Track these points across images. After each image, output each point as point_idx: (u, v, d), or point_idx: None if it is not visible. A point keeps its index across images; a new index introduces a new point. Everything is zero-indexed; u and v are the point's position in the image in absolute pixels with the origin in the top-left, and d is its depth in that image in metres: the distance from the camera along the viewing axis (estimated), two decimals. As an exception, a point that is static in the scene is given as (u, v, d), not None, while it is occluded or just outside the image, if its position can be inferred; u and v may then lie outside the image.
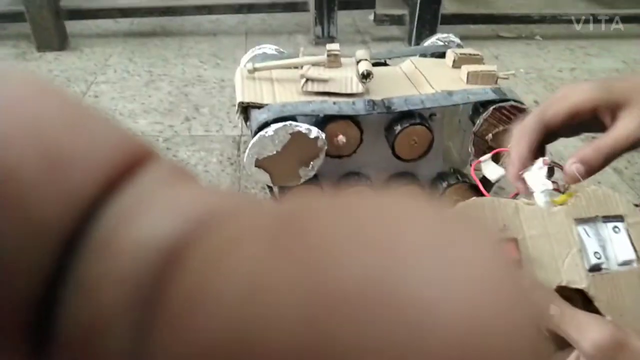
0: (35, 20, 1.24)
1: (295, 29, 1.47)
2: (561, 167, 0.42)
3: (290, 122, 0.59)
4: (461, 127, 0.67)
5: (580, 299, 0.36)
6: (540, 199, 0.39)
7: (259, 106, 0.62)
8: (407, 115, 0.63)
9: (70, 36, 1.34)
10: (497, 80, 0.67)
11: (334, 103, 0.62)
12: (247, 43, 1.37)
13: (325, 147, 0.61)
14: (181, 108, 1.02)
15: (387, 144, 0.66)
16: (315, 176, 0.66)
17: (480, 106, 0.63)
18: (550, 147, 0.43)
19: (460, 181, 0.70)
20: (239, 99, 0.64)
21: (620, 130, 0.38)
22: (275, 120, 0.59)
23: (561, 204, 0.40)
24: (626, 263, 0.38)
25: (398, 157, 0.66)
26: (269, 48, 0.75)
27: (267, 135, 0.58)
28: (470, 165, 0.65)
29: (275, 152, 0.59)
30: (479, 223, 0.10)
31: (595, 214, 0.39)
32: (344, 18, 1.43)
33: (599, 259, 0.37)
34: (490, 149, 0.64)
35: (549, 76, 1.22)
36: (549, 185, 0.39)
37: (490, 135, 0.63)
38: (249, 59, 0.72)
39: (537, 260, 0.36)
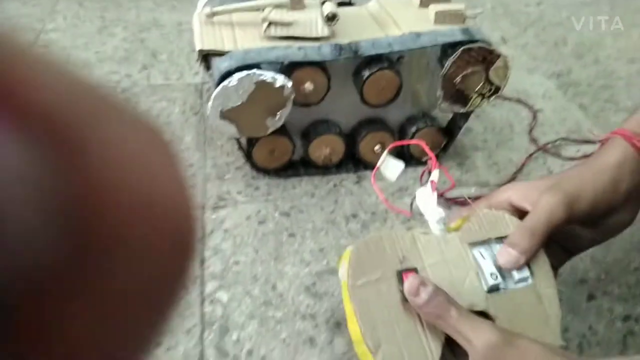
0: (-29, -38, 1.14)
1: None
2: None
3: (254, 70, 0.56)
4: (429, 69, 0.66)
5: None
6: (435, 228, 0.41)
7: (220, 53, 0.59)
8: (375, 60, 0.61)
9: (12, -20, 1.24)
10: (464, 20, 0.65)
11: (299, 48, 0.59)
12: None
13: (292, 96, 0.59)
14: (138, 55, 0.97)
15: (355, 90, 0.64)
16: (283, 126, 0.64)
17: (448, 48, 0.62)
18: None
19: (428, 125, 0.69)
20: (198, 46, 0.60)
21: (537, 206, 0.41)
22: (239, 69, 0.56)
23: (456, 230, 0.41)
24: (522, 280, 0.40)
25: (367, 103, 0.64)
26: None
27: (230, 85, 0.56)
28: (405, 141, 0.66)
29: (240, 103, 0.57)
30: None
31: (488, 236, 0.41)
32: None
33: (495, 279, 0.39)
34: (458, 91, 0.63)
35: (515, 11, 1.20)
36: (442, 213, 0.41)
37: (458, 78, 0.62)
38: (206, 1, 0.68)
39: (438, 284, 0.37)
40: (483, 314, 0.38)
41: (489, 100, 0.65)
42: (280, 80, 0.57)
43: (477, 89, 0.64)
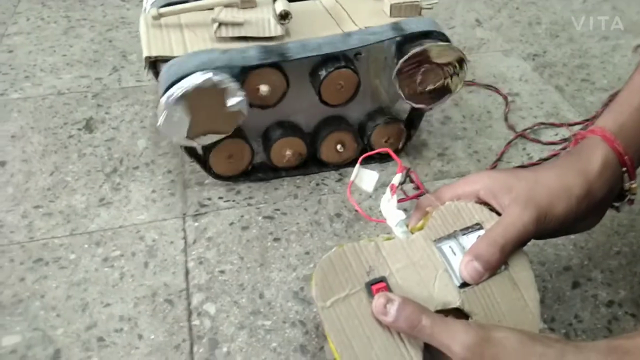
0: None
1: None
2: (412, 181, 0.43)
3: (207, 75, 0.54)
4: (387, 64, 0.64)
5: (464, 317, 0.38)
6: (397, 231, 0.40)
7: (168, 59, 0.56)
8: (332, 59, 0.60)
9: (-31, -19, 1.19)
10: (420, 11, 0.64)
11: (224, 52, 0.56)
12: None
13: (244, 115, 0.58)
14: (107, 57, 0.94)
15: (313, 90, 0.62)
16: (240, 129, 0.62)
17: (405, 41, 0.61)
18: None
19: (388, 120, 0.68)
20: (145, 52, 0.58)
21: (507, 217, 0.39)
22: (188, 76, 0.54)
23: (420, 229, 0.40)
24: None
25: (325, 103, 0.63)
26: None
27: (178, 94, 0.53)
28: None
29: (189, 113, 0.55)
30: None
31: (453, 229, 0.40)
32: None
33: None
34: (421, 90, 0.62)
35: (488, -9, 1.19)
36: (402, 215, 0.40)
37: (419, 75, 0.61)
38: (152, 2, 0.64)
39: (408, 291, 0.37)
40: (459, 311, 0.38)
41: (462, 73, 0.63)
42: (233, 85, 0.55)
43: (429, 87, 0.62)
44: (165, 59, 0.57)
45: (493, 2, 1.15)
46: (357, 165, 0.43)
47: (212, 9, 0.60)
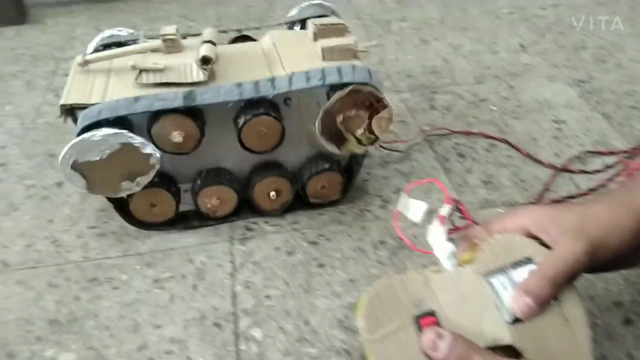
0: (-11, -8, 1.16)
1: (267, -20, 1.40)
2: (461, 212, 0.43)
3: (124, 131, 0.54)
4: (320, 108, 0.59)
5: (514, 353, 0.37)
6: (446, 264, 0.39)
7: (86, 106, 0.56)
8: (254, 105, 0.58)
9: (29, 7, 1.26)
10: (355, 55, 0.60)
11: (135, 99, 0.55)
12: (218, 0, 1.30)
13: (157, 166, 0.58)
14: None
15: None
16: (165, 178, 0.63)
17: (336, 87, 0.58)
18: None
19: (324, 167, 0.65)
20: (62, 99, 0.57)
21: (558, 250, 0.38)
22: (99, 123, 0.54)
23: (468, 262, 0.39)
24: None
25: (250, 150, 0.60)
26: (121, 31, 0.68)
27: (93, 138, 0.54)
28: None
29: (97, 159, 0.55)
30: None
31: (503, 263, 0.39)
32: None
33: None
34: (337, 131, 0.59)
35: (531, 15, 1.19)
36: (451, 247, 0.40)
37: (340, 117, 0.58)
38: (96, 46, 0.66)
39: (458, 326, 0.36)
40: (510, 348, 0.38)
41: (366, 147, 0.61)
42: (149, 147, 0.56)
43: (356, 132, 0.60)
44: (82, 107, 0.56)
45: (536, 26, 1.14)
46: (403, 194, 0.44)
47: (144, 53, 0.59)
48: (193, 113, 0.57)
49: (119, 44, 0.66)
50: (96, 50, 0.66)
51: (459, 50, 1.05)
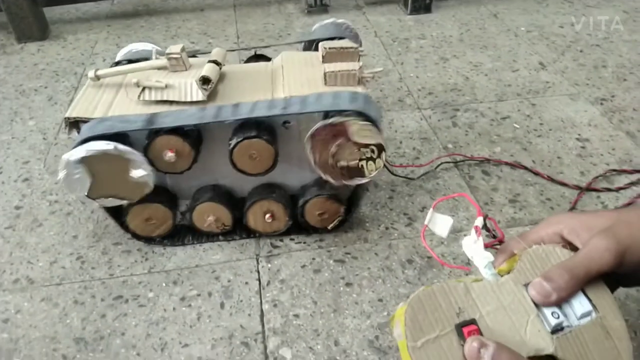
0: (11, 9, 1.18)
1: (285, -2, 1.41)
2: (487, 229, 0.44)
3: (110, 145, 0.54)
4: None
5: None
6: (486, 273, 0.40)
7: (87, 121, 0.57)
8: (244, 128, 0.57)
9: (51, 23, 1.28)
10: (358, 80, 0.59)
11: (122, 121, 0.56)
12: (237, 16, 1.31)
13: (150, 187, 0.58)
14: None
15: None
16: (160, 192, 0.63)
17: (328, 114, 0.56)
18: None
19: (322, 194, 0.63)
20: (68, 112, 0.58)
21: (584, 247, 0.39)
22: (94, 138, 0.55)
23: (507, 272, 0.39)
24: (585, 315, 0.38)
25: (242, 172, 0.59)
26: (146, 46, 0.70)
27: (78, 156, 0.54)
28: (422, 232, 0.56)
29: (90, 175, 0.56)
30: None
31: (542, 272, 0.39)
32: (334, -17, 1.37)
33: (557, 318, 0.37)
34: (332, 163, 0.58)
35: (550, 34, 1.19)
36: (490, 257, 0.40)
37: (333, 147, 0.56)
38: (119, 60, 0.67)
39: (500, 335, 0.36)
40: (551, 358, 0.37)
41: (380, 160, 0.57)
42: (141, 171, 0.56)
43: (357, 157, 0.57)
44: (86, 120, 0.57)
45: (556, 45, 1.14)
46: (431, 209, 0.44)
47: (151, 70, 0.60)
48: (187, 133, 0.57)
49: (138, 60, 0.66)
50: (117, 64, 0.67)
51: (479, 68, 1.05)
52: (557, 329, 0.37)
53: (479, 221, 0.42)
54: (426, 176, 0.77)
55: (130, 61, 0.67)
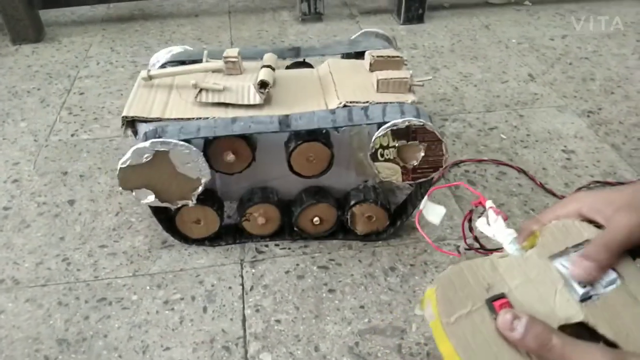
0: (7, 10, 1.18)
1: (280, 4, 1.42)
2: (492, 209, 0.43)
3: (190, 147, 0.55)
4: (371, 138, 0.59)
5: (585, 332, 0.37)
6: (511, 249, 0.40)
7: (147, 120, 0.58)
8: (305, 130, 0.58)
9: (46, 26, 1.28)
10: (410, 88, 0.61)
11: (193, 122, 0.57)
12: (232, 22, 1.32)
13: (200, 189, 0.59)
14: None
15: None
16: (212, 195, 0.64)
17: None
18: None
19: (369, 200, 0.65)
20: (124, 111, 0.59)
21: (612, 223, 0.40)
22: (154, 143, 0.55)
23: (531, 247, 0.40)
24: (611, 283, 0.39)
25: (297, 174, 0.61)
26: (185, 49, 0.71)
27: (181, 149, 0.55)
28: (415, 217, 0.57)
29: (149, 166, 0.56)
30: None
31: (565, 246, 0.40)
32: (329, -8, 1.38)
33: (584, 287, 0.38)
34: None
35: (541, 46, 1.20)
36: (513, 232, 0.41)
37: (391, 151, 0.57)
38: (164, 61, 0.68)
39: (530, 307, 0.37)
40: (582, 326, 0.37)
41: (383, 178, 0.59)
42: (203, 173, 0.57)
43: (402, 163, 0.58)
44: (144, 120, 0.58)
45: (546, 57, 1.15)
46: (426, 197, 0.44)
47: (206, 72, 0.61)
48: (245, 137, 0.58)
49: (183, 62, 0.68)
50: (164, 65, 0.67)
51: (468, 79, 1.07)
52: (585, 298, 0.38)
53: (490, 203, 0.43)
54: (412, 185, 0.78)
55: (180, 63, 0.68)
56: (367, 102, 0.59)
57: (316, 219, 0.65)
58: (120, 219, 0.72)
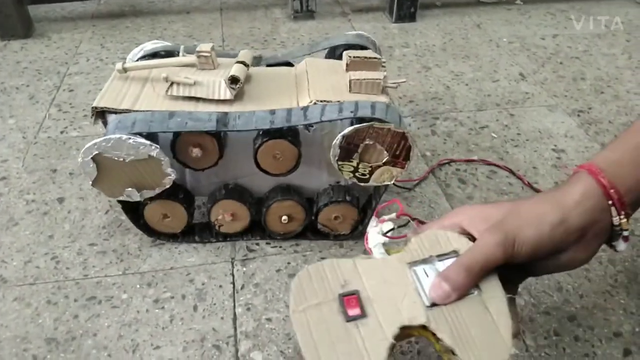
0: (-4, 6, 1.17)
1: (273, 2, 1.42)
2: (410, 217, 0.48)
3: (157, 146, 0.55)
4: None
5: (431, 336, 0.39)
6: (375, 252, 0.44)
7: (116, 111, 0.58)
8: (273, 128, 0.57)
9: (35, 21, 1.27)
10: (382, 89, 0.60)
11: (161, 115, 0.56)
12: (223, 20, 1.32)
13: (167, 185, 0.59)
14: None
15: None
16: (180, 190, 0.64)
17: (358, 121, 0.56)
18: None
19: (339, 199, 0.64)
20: (95, 102, 0.59)
21: (477, 242, 0.41)
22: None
23: (397, 253, 0.43)
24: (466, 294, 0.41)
25: (265, 172, 0.61)
26: (157, 44, 0.70)
27: (128, 141, 0.54)
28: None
29: (120, 160, 0.56)
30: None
31: (429, 254, 0.42)
32: (321, -11, 1.38)
33: None
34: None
35: (532, 45, 1.21)
36: (382, 239, 0.44)
37: (360, 145, 0.57)
38: (134, 56, 0.68)
39: (378, 305, 0.39)
40: (425, 329, 0.39)
41: (354, 179, 0.60)
42: (169, 169, 0.57)
43: (377, 161, 0.58)
44: (113, 111, 0.58)
45: (536, 56, 1.16)
46: (374, 216, 0.46)
47: (179, 66, 0.61)
48: (213, 132, 0.58)
49: (161, 55, 0.67)
50: (141, 58, 0.67)
51: (460, 78, 1.07)
52: (434, 304, 0.40)
53: (388, 217, 0.46)
54: (403, 183, 0.78)
55: (155, 56, 0.68)
56: (338, 101, 0.58)
57: (284, 217, 0.65)
58: (110, 217, 0.71)
